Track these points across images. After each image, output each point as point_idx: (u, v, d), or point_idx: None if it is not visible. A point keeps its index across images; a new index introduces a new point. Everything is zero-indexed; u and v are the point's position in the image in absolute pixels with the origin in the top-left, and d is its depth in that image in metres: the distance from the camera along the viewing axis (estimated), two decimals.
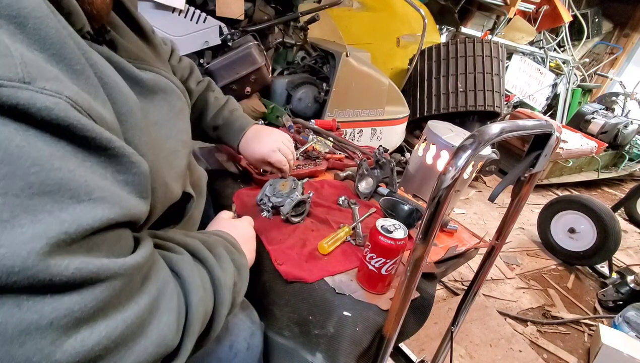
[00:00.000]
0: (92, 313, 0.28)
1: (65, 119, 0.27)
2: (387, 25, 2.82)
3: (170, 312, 0.36)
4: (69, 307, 0.27)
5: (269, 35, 1.97)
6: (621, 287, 1.83)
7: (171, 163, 0.48)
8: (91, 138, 0.29)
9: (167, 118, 0.50)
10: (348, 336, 0.59)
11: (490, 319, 1.61)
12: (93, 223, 0.28)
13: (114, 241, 0.32)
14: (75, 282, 0.27)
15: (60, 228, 0.26)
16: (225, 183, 0.96)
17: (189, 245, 0.47)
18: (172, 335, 0.35)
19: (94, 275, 0.28)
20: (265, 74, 1.81)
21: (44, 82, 0.27)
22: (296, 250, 0.73)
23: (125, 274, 0.31)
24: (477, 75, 2.63)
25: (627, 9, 5.07)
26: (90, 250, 0.29)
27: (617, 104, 4.13)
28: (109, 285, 0.29)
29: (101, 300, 0.29)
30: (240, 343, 0.57)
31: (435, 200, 0.46)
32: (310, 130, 1.27)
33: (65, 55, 0.30)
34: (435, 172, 1.16)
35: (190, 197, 0.55)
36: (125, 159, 0.33)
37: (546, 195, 3.19)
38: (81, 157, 0.29)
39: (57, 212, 0.26)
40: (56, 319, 0.26)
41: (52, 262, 0.25)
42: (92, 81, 0.33)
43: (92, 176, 0.29)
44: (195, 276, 0.42)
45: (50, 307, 0.26)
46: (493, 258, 0.79)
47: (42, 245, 0.25)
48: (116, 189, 0.32)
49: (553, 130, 0.58)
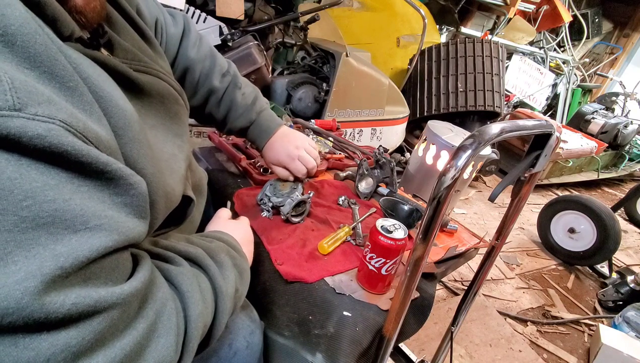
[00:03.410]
0: (89, 345, 0.27)
1: (59, 145, 0.26)
2: (387, 25, 2.82)
3: (169, 332, 0.35)
4: (66, 342, 0.26)
5: (269, 35, 1.97)
6: (621, 287, 1.83)
7: (172, 166, 0.47)
8: (87, 163, 0.28)
9: (164, 121, 0.49)
10: (348, 336, 0.59)
11: (490, 319, 1.61)
12: (90, 254, 0.28)
13: (112, 268, 0.31)
14: (72, 317, 0.26)
15: (55, 263, 0.25)
16: (225, 183, 0.96)
17: (191, 254, 0.47)
18: (171, 355, 0.34)
19: (91, 308, 0.27)
20: (265, 73, 1.81)
21: (36, 107, 0.25)
22: (296, 250, 0.73)
23: (123, 303, 0.30)
24: (477, 75, 2.63)
25: (627, 9, 5.07)
26: (87, 280, 0.28)
27: (617, 104, 4.13)
28: (106, 315, 0.29)
29: (99, 331, 0.28)
30: (239, 342, 0.57)
31: (435, 200, 0.46)
32: (310, 130, 1.27)
33: (57, 72, 0.29)
34: (435, 172, 1.16)
35: (191, 201, 0.55)
36: (123, 181, 0.32)
37: (546, 195, 3.19)
38: (77, 183, 0.28)
39: (52, 245, 0.26)
40: (53, 355, 0.25)
41: (47, 300, 0.25)
42: (87, 98, 0.32)
43: (88, 202, 0.29)
44: (195, 290, 0.41)
45: (47, 343, 0.25)
46: (493, 258, 0.79)
47: (36, 284, 0.24)
48: (114, 213, 0.31)
49: (553, 130, 0.58)
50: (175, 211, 0.51)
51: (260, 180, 0.95)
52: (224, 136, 1.18)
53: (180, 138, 0.53)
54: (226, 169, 1.03)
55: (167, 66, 0.57)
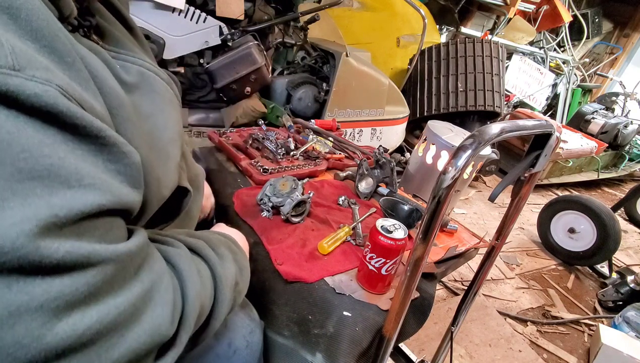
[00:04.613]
0: (83, 297, 0.28)
1: (54, 106, 0.27)
2: (387, 25, 2.82)
3: (165, 304, 0.35)
4: (60, 290, 0.27)
5: (269, 35, 1.97)
6: (621, 287, 1.83)
7: (168, 153, 0.48)
8: (81, 126, 0.29)
9: (161, 108, 0.49)
10: (348, 336, 0.59)
11: (490, 319, 1.61)
12: (84, 208, 0.28)
13: (105, 229, 0.32)
14: (66, 265, 0.27)
15: (50, 211, 0.26)
16: (225, 183, 0.96)
17: (191, 243, 0.47)
18: (166, 325, 0.35)
19: (85, 259, 0.28)
20: (265, 73, 1.81)
21: (34, 71, 0.27)
22: (296, 250, 0.73)
23: (117, 260, 0.31)
24: (477, 75, 2.63)
25: (627, 9, 5.07)
26: (81, 235, 0.29)
27: (617, 104, 4.13)
28: (100, 270, 0.29)
29: (93, 284, 0.29)
30: (239, 341, 0.57)
31: (435, 200, 0.46)
32: (310, 130, 1.27)
33: (57, 47, 0.30)
34: (435, 172, 1.16)
35: (187, 192, 0.55)
36: (117, 148, 0.33)
37: (546, 195, 3.19)
38: (71, 146, 0.29)
39: (47, 197, 0.27)
40: (47, 302, 0.26)
41: (42, 244, 0.25)
42: (84, 74, 0.33)
43: (82, 164, 0.29)
44: (192, 269, 0.42)
45: (41, 289, 0.26)
46: (493, 258, 0.79)
47: (31, 227, 0.25)
48: (107, 178, 0.32)
49: (553, 130, 0.58)
50: (171, 203, 0.51)
51: (260, 180, 0.95)
52: (224, 136, 1.18)
53: (179, 123, 0.53)
54: (226, 169, 1.03)
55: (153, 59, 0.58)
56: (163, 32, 1.64)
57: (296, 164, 1.06)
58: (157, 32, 1.63)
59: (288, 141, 1.15)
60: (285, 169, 1.02)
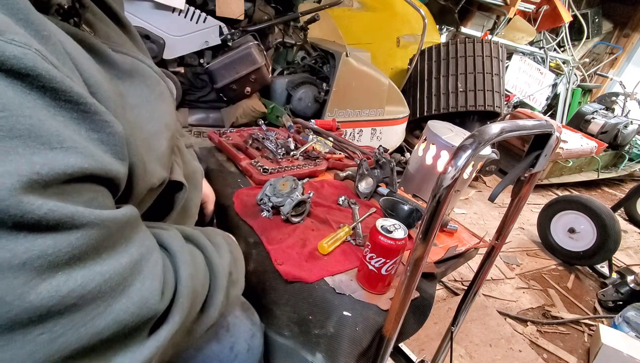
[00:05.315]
0: (67, 259, 0.28)
1: (33, 68, 0.27)
2: (387, 25, 2.82)
3: (155, 278, 0.35)
4: (43, 249, 0.26)
5: (269, 35, 1.97)
6: (621, 287, 1.83)
7: (150, 145, 0.47)
8: (61, 90, 0.29)
9: (148, 100, 0.49)
10: (348, 336, 0.59)
11: (490, 319, 1.61)
12: (66, 169, 0.28)
13: (90, 196, 0.31)
14: (49, 224, 0.27)
15: (32, 168, 0.26)
16: (225, 183, 0.96)
17: (187, 232, 0.48)
18: (155, 299, 0.34)
19: (68, 219, 0.28)
20: (265, 73, 1.81)
21: (13, 35, 0.27)
22: (296, 250, 0.73)
23: (101, 225, 0.30)
24: (477, 75, 2.63)
25: (627, 9, 5.07)
26: (65, 197, 0.29)
27: (617, 104, 4.13)
28: (84, 233, 0.29)
29: (76, 247, 0.28)
30: (240, 345, 0.57)
31: (435, 200, 0.46)
32: (310, 130, 1.27)
33: (33, 20, 0.30)
34: (435, 172, 1.16)
35: (182, 186, 0.55)
36: (98, 116, 0.32)
37: (546, 195, 3.19)
38: (52, 112, 0.29)
39: (29, 156, 0.26)
40: (29, 260, 0.26)
41: (24, 199, 0.25)
42: (60, 48, 0.32)
43: (64, 129, 0.29)
44: (184, 252, 0.42)
45: (23, 247, 0.26)
46: (493, 258, 0.79)
47: (12, 182, 0.25)
48: (90, 145, 0.31)
49: (553, 130, 0.58)
50: (165, 197, 0.51)
51: (260, 180, 0.95)
52: (224, 136, 1.18)
53: (167, 116, 0.53)
54: (226, 169, 1.03)
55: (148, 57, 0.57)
56: (163, 32, 1.64)
57: (296, 164, 1.06)
58: (157, 32, 1.63)
59: (288, 141, 1.15)
60: (285, 169, 1.02)
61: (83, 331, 0.29)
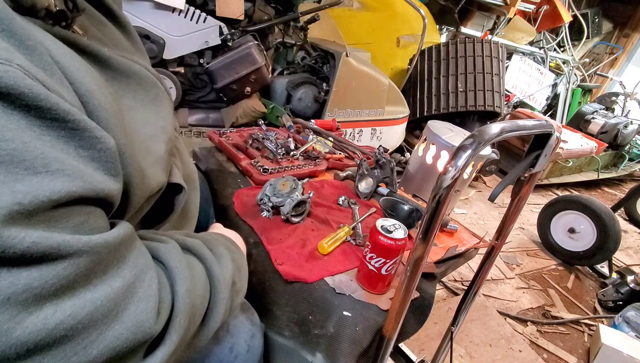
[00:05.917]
0: (54, 290, 0.27)
1: (15, 86, 0.26)
2: (387, 25, 2.82)
3: (149, 298, 0.34)
4: (28, 282, 0.26)
5: (269, 35, 1.97)
6: (621, 287, 1.83)
7: (148, 148, 0.46)
8: (46, 108, 0.27)
9: (144, 103, 0.48)
10: (348, 336, 0.59)
11: (490, 319, 1.61)
12: (51, 195, 0.27)
13: (80, 219, 0.30)
14: (33, 257, 0.26)
15: (13, 198, 0.25)
16: (225, 183, 0.96)
17: (187, 243, 0.46)
18: (150, 322, 0.33)
19: (53, 250, 0.27)
20: (265, 73, 1.81)
21: None
22: (296, 250, 0.73)
23: (91, 252, 0.29)
24: (477, 75, 2.63)
25: (627, 9, 5.06)
26: (52, 225, 0.28)
27: (617, 104, 4.13)
28: (72, 262, 0.28)
29: (64, 277, 0.27)
30: (240, 345, 0.56)
31: (435, 200, 0.46)
32: (310, 130, 1.27)
33: (15, 30, 0.28)
34: (435, 172, 1.16)
35: (181, 189, 0.54)
36: (88, 133, 0.31)
37: (546, 195, 3.19)
38: (38, 131, 0.27)
39: (11, 183, 0.25)
40: (14, 294, 0.25)
41: (5, 233, 0.24)
42: (46, 58, 0.31)
43: (50, 150, 0.28)
44: (182, 266, 0.40)
45: (7, 281, 0.25)
46: (493, 258, 0.79)
47: None
48: (79, 164, 0.30)
49: (553, 130, 0.58)
50: (165, 200, 0.50)
51: (260, 180, 0.95)
52: (224, 136, 1.18)
53: (164, 120, 0.52)
54: (226, 169, 1.03)
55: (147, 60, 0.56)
56: (163, 32, 1.64)
57: (296, 164, 1.06)
58: (157, 32, 1.63)
59: (288, 141, 1.15)
60: (285, 169, 1.02)
61: (75, 360, 0.28)
